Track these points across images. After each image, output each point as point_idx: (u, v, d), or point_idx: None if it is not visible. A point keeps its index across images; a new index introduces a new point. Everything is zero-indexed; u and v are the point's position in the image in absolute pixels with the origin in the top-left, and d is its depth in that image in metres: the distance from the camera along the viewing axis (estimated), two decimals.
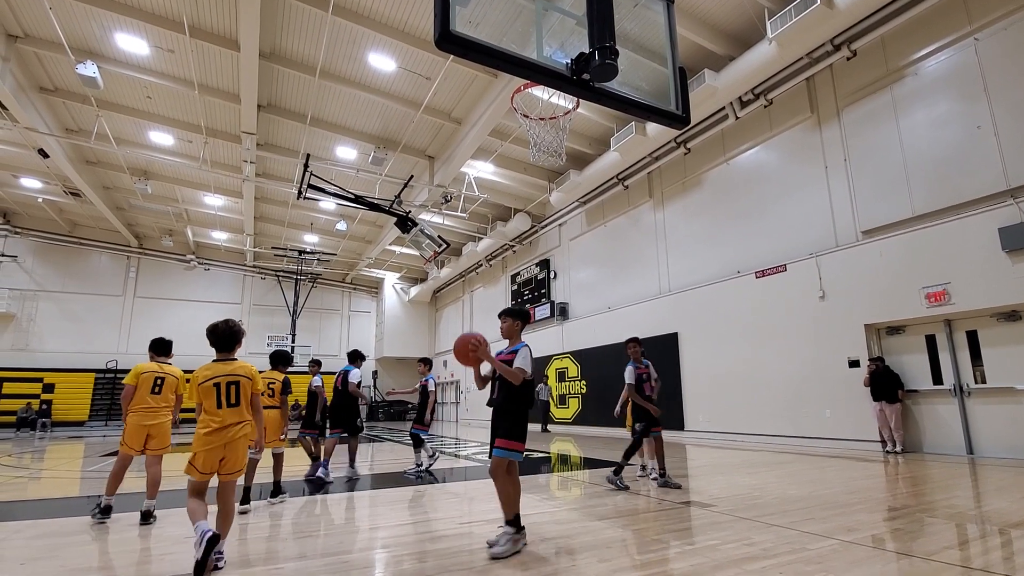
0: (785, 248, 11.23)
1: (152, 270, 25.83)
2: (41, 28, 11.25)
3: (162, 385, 5.06)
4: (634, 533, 4.13)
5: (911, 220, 9.18)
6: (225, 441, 3.43)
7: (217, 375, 3.57)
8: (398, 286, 29.77)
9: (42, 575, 3.33)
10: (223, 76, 12.84)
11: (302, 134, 14.87)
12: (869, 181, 9.90)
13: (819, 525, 4.14)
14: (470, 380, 24.76)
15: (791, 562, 3.24)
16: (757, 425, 11.16)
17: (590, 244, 17.84)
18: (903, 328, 9.43)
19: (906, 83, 9.51)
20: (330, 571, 3.30)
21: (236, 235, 24.13)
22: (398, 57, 12.15)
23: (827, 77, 10.83)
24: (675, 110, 2.85)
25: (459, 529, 4.41)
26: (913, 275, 8.95)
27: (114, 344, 24.38)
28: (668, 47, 2.86)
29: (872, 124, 9.96)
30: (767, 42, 10.03)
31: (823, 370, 10.15)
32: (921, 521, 4.29)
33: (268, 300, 28.00)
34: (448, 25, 2.06)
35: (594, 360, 16.58)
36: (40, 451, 13.51)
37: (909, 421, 9.03)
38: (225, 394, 3.53)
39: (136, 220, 23.17)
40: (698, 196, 13.69)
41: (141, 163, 17.31)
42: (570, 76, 2.43)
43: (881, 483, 6.35)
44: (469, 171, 16.31)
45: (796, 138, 11.37)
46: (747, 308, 11.75)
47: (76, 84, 12.69)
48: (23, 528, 4.60)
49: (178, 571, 3.39)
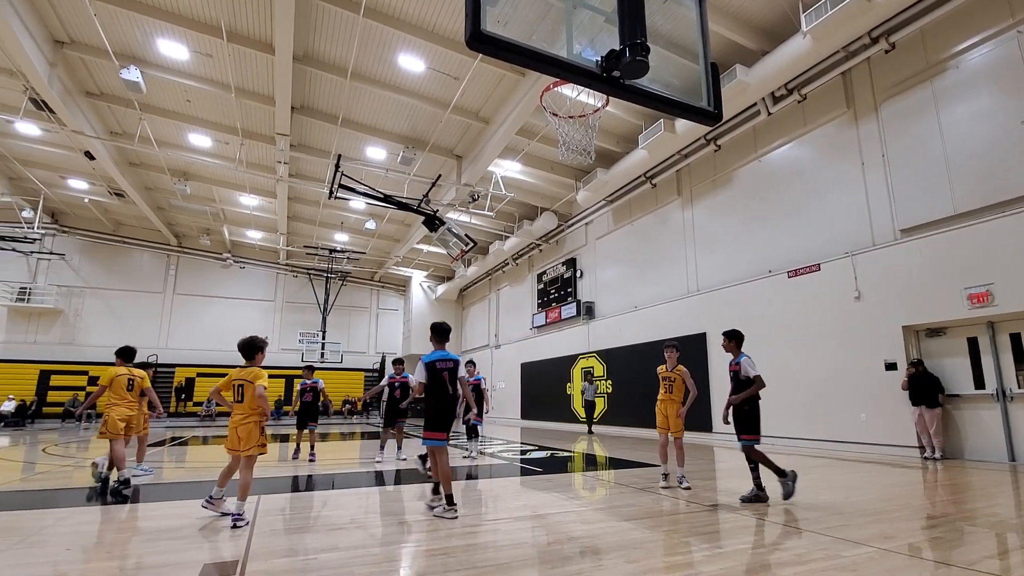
0: (819, 247, 10.94)
1: (190, 268, 26.71)
2: (86, 34, 11.74)
3: (133, 384, 6.35)
4: (662, 535, 4.10)
5: (953, 218, 8.83)
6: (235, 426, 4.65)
7: (233, 379, 4.75)
8: (425, 284, 30.06)
9: (87, 560, 3.49)
10: (258, 79, 13.19)
11: (333, 135, 15.16)
12: (908, 178, 9.57)
13: (854, 532, 4.03)
14: (497, 378, 24.88)
15: (825, 569, 3.17)
16: (787, 428, 10.91)
17: (617, 243, 17.70)
18: (943, 330, 9.08)
19: (947, 76, 9.15)
20: (360, 563, 3.37)
21: (270, 234, 24.75)
22: (427, 58, 12.27)
23: (864, 71, 10.50)
24: (707, 106, 2.81)
25: (485, 526, 4.44)
26: (955, 275, 8.61)
27: (155, 339, 25.31)
28: (700, 42, 2.82)
29: (911, 119, 9.61)
30: (801, 36, 9.78)
31: (858, 373, 9.85)
32: (961, 530, 4.14)
33: (300, 297, 28.64)
34: (479, 25, 2.08)
35: (620, 360, 16.45)
36: (84, 441, 14.13)
37: (949, 426, 8.70)
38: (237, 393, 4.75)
39: (175, 220, 23.98)
40: (728, 194, 13.44)
41: (181, 164, 17.91)
42: (600, 73, 2.41)
43: (919, 490, 6.14)
44: (496, 170, 16.37)
45: (831, 134, 11.06)
46: (778, 308, 11.48)
47: (120, 88, 13.20)
48: (69, 515, 4.83)
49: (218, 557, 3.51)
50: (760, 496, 5.26)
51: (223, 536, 4.06)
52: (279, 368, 26.88)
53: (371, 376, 29.52)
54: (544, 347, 21.17)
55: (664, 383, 6.30)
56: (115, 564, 3.37)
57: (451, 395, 4.96)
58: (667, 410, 6.25)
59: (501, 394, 24.47)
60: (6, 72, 12.47)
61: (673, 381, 6.24)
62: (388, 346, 30.65)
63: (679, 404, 6.18)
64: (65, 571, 3.18)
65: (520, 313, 23.82)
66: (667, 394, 6.26)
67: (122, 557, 3.53)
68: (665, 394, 6.28)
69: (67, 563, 3.35)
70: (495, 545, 3.80)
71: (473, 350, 28.44)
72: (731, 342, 5.69)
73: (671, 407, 6.21)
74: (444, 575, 3.12)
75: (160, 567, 3.34)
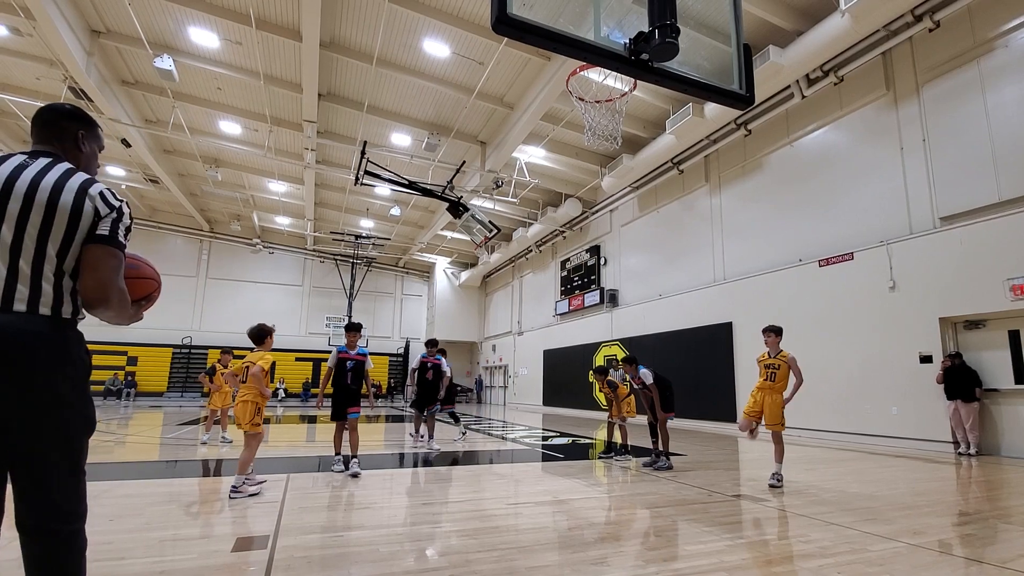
0: (853, 235, 10.61)
1: (222, 253, 27.39)
2: (121, 23, 12.00)
3: None
4: (683, 523, 4.09)
5: (997, 206, 8.44)
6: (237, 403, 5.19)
7: (244, 362, 5.25)
8: (449, 271, 30.24)
9: (128, 531, 3.67)
10: (286, 66, 13.33)
11: (359, 122, 15.26)
12: (950, 163, 9.17)
13: (882, 526, 3.96)
14: (519, 364, 25.00)
15: (850, 562, 3.12)
16: (815, 420, 10.71)
17: (642, 230, 17.47)
18: (983, 322, 8.75)
19: (995, 56, 8.69)
20: (384, 542, 3.46)
21: (298, 220, 25.17)
22: (452, 43, 12.21)
23: (906, 51, 10.05)
24: (738, 89, 2.74)
25: (507, 509, 4.50)
26: (997, 265, 8.26)
27: (188, 321, 26.12)
28: (732, 23, 2.74)
29: (955, 101, 9.19)
30: (839, 14, 9.40)
31: (891, 365, 9.58)
32: (995, 527, 4.03)
33: (326, 283, 29.14)
34: (505, 8, 2.06)
35: (645, 348, 16.33)
36: (125, 418, 14.73)
37: (986, 421, 8.41)
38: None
39: (207, 206, 24.55)
40: (758, 180, 13.11)
41: (212, 151, 18.29)
42: (628, 56, 2.36)
43: (952, 485, 5.98)
44: (520, 156, 16.27)
45: (869, 117, 10.65)
46: (808, 297, 11.21)
47: (154, 76, 13.51)
48: (111, 488, 5.06)
49: (250, 532, 3.65)
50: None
51: (255, 512, 4.20)
52: (306, 351, 27.51)
53: (395, 361, 29.98)
54: (567, 334, 21.14)
55: (767, 371, 5.79)
56: (154, 535, 3.53)
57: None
58: (764, 399, 5.75)
59: (523, 380, 24.58)
60: (46, 62, 12.87)
61: (777, 368, 5.72)
62: (412, 331, 31.02)
63: (780, 394, 5.69)
64: (110, 540, 3.34)
65: (543, 300, 23.80)
66: (767, 382, 5.76)
67: (161, 528, 3.70)
68: (765, 382, 5.79)
69: (110, 533, 3.52)
70: (516, 528, 3.85)
71: (496, 336, 28.59)
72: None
73: (770, 396, 5.72)
74: (466, 556, 3.18)
75: (196, 539, 3.49)
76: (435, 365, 8.83)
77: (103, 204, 1.66)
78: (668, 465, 6.73)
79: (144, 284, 1.91)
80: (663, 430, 6.91)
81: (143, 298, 1.89)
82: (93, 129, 1.88)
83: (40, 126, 1.80)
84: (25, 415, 1.49)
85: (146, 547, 3.30)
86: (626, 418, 7.86)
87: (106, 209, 1.66)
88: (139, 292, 1.86)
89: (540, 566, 3.01)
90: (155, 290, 1.96)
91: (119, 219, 1.69)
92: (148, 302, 1.94)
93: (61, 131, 1.80)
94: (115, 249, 1.65)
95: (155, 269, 2.02)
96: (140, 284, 1.88)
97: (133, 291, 1.80)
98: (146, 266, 1.96)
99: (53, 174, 1.63)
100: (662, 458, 6.81)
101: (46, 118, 1.80)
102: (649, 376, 6.91)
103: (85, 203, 1.62)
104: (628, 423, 7.98)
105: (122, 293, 1.67)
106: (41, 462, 1.52)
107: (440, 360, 8.91)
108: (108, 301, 1.62)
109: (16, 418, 1.48)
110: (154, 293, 1.95)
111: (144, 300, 1.90)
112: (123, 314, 1.72)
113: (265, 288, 28.03)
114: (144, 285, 1.91)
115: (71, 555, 1.57)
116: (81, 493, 1.61)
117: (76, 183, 1.64)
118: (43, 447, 1.52)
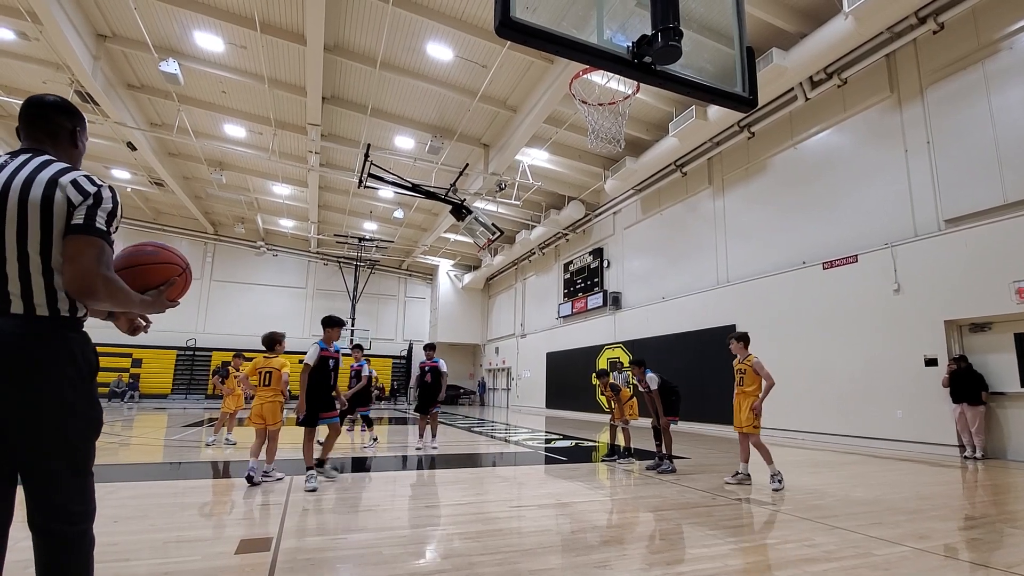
0: (857, 238, 10.58)
1: (226, 255, 27.48)
2: (127, 28, 12.08)
3: None
4: (687, 527, 4.08)
5: (1002, 208, 8.40)
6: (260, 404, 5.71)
7: (258, 366, 5.82)
8: (452, 273, 30.27)
9: (133, 532, 3.67)
10: (290, 70, 13.39)
11: (363, 125, 15.31)
12: (955, 165, 9.14)
13: (887, 530, 3.93)
14: (522, 367, 24.97)
15: (855, 567, 3.11)
16: (819, 423, 10.66)
17: (645, 233, 17.46)
18: (989, 325, 8.70)
19: (1000, 58, 8.66)
20: (387, 544, 3.46)
21: (301, 223, 25.25)
22: (455, 46, 12.25)
23: (910, 53, 10.03)
24: (742, 92, 2.73)
25: (510, 512, 4.49)
26: (1003, 268, 8.22)
27: (193, 324, 26.19)
28: (735, 26, 2.74)
29: (960, 103, 9.16)
30: (843, 17, 9.39)
31: (895, 368, 9.53)
32: (1001, 531, 4.00)
33: (330, 285, 29.21)
34: (509, 11, 2.06)
35: (648, 351, 16.27)
36: (129, 420, 14.78)
37: (993, 425, 8.36)
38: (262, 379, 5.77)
39: (212, 208, 24.64)
40: (762, 182, 13.08)
41: (216, 154, 18.37)
42: (631, 59, 2.36)
43: (958, 489, 5.95)
44: (523, 159, 16.29)
45: (873, 119, 10.63)
46: (812, 300, 11.17)
47: (159, 80, 13.57)
48: (116, 489, 5.08)
49: (253, 534, 3.65)
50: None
51: (258, 514, 4.21)
52: None
53: (399, 363, 29.99)
54: (570, 337, 21.12)
55: (737, 375, 6.18)
56: (159, 536, 3.54)
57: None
58: (737, 403, 6.14)
59: (526, 383, 24.55)
60: (53, 66, 12.96)
61: (744, 373, 6.08)
62: (415, 334, 31.05)
63: (753, 397, 5.93)
64: (115, 541, 3.35)
65: (546, 303, 23.79)
66: (738, 387, 6.13)
67: (165, 530, 3.71)
68: (736, 387, 6.16)
69: (114, 534, 3.53)
70: (520, 531, 3.85)
71: (499, 339, 28.59)
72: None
73: (740, 400, 6.09)
74: (469, 558, 3.17)
75: (199, 541, 3.50)
76: (433, 368, 8.97)
77: (75, 192, 1.56)
78: (671, 468, 6.72)
79: (163, 270, 1.84)
80: (666, 433, 6.90)
81: (162, 284, 1.82)
82: (84, 122, 1.83)
83: (30, 123, 1.70)
84: (26, 418, 1.48)
85: (151, 548, 3.31)
86: (628, 421, 7.85)
87: (79, 196, 1.57)
88: (158, 278, 1.81)
89: (543, 569, 3.01)
90: (180, 275, 1.88)
91: (96, 205, 1.59)
92: (172, 288, 1.85)
93: (56, 128, 1.72)
94: (92, 237, 1.56)
95: (180, 255, 1.94)
96: (157, 270, 1.82)
97: (150, 278, 1.76)
98: (167, 251, 1.90)
99: (26, 170, 1.55)
100: (665, 461, 6.80)
101: (35, 113, 1.70)
102: (655, 382, 6.89)
103: (56, 194, 1.54)
104: (631, 426, 7.96)
105: (109, 282, 1.57)
106: (44, 465, 1.52)
107: (438, 362, 9.01)
108: (94, 292, 1.55)
109: (17, 421, 1.47)
110: (178, 278, 1.87)
111: (165, 285, 1.82)
112: (127, 303, 1.64)
113: (269, 291, 28.13)
114: (163, 271, 1.84)
115: (78, 555, 1.57)
116: (88, 494, 1.60)
117: (47, 175, 1.56)
118: (45, 450, 1.51)
